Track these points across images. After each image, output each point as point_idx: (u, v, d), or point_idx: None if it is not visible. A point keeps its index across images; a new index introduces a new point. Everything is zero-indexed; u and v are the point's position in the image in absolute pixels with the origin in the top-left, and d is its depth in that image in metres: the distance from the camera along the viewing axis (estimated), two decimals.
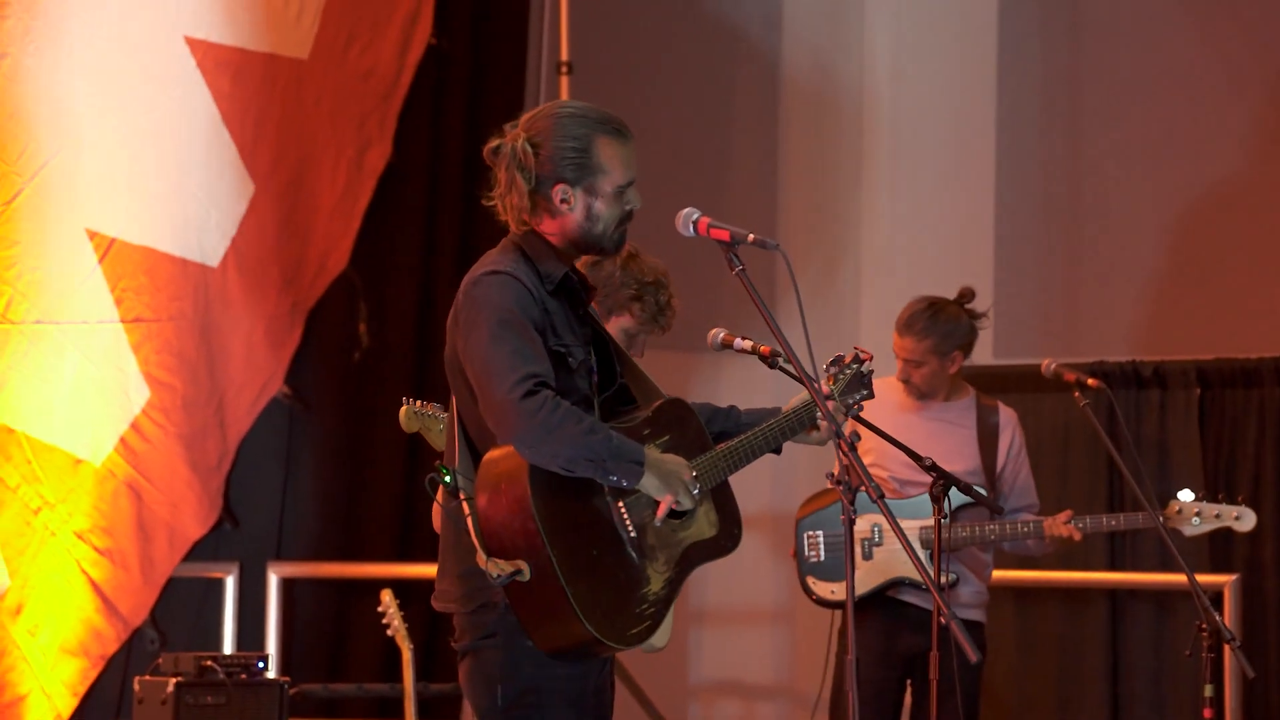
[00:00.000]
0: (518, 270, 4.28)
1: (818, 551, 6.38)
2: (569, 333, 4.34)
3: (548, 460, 4.15)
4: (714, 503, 4.43)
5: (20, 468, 7.22)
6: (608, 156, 4.35)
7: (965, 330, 6.36)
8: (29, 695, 7.26)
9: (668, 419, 4.42)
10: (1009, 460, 6.34)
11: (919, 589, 6.19)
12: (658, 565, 4.30)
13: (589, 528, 4.23)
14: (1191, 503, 6.20)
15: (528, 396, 4.11)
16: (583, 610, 4.14)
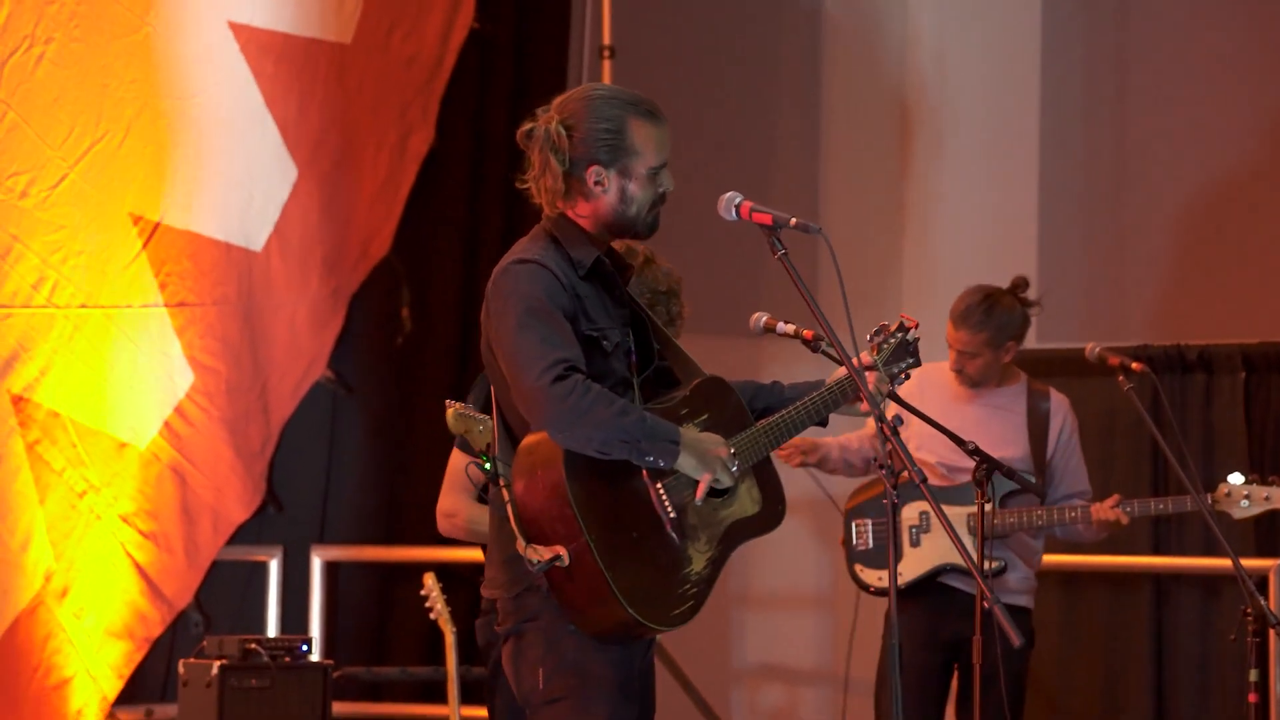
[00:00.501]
0: (546, 258, 4.29)
1: (865, 539, 6.35)
2: (604, 316, 4.34)
3: (581, 444, 4.15)
4: (756, 479, 4.42)
5: (66, 451, 7.25)
6: (641, 138, 4.35)
7: (1019, 321, 6.33)
8: (74, 678, 7.30)
9: (706, 397, 4.41)
10: (1059, 447, 6.30)
11: (965, 575, 6.17)
12: (700, 545, 4.30)
13: (627, 511, 4.23)
14: (1241, 485, 6.14)
15: (557, 381, 4.12)
16: (624, 594, 4.15)
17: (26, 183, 7.14)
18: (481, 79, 8.56)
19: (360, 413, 8.31)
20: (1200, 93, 8.68)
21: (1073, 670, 8.19)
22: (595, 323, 4.31)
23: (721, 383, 4.47)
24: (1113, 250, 8.84)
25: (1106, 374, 6.32)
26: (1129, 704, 8.10)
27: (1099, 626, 8.20)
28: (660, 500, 4.26)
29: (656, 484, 4.26)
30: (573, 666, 4.27)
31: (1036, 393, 6.32)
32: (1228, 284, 8.52)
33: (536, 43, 8.72)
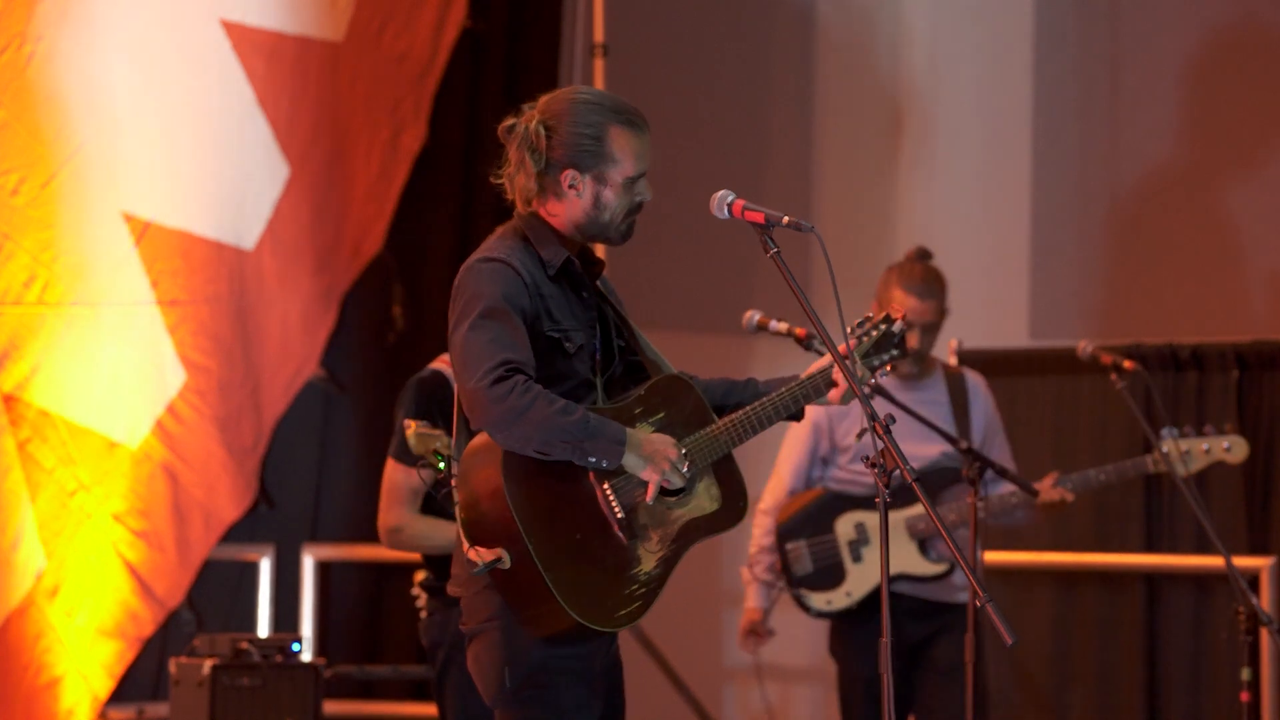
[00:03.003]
0: (512, 257, 4.31)
1: (803, 562, 6.24)
2: (568, 317, 4.35)
3: (521, 444, 4.17)
4: (716, 477, 4.43)
5: (57, 450, 7.24)
6: (620, 146, 4.34)
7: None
8: (65, 676, 7.29)
9: (663, 396, 4.42)
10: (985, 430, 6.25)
11: (911, 580, 6.13)
12: (651, 544, 4.30)
13: (571, 512, 4.24)
14: (1179, 442, 6.09)
15: (497, 383, 4.14)
16: (564, 596, 4.16)
17: (17, 181, 7.13)
18: (474, 76, 8.55)
19: (352, 411, 8.30)
20: (1193, 91, 8.68)
21: (1065, 669, 8.19)
22: (559, 324, 4.32)
23: (681, 381, 4.47)
24: (1105, 249, 8.84)
25: (1099, 372, 6.31)
26: (1122, 702, 8.10)
27: (1091, 625, 8.19)
28: (607, 500, 4.27)
29: (603, 484, 4.27)
30: (534, 664, 4.28)
31: (954, 376, 6.28)
32: (1221, 282, 8.52)
33: (528, 40, 8.71)
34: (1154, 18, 8.80)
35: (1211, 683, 7.93)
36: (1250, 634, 5.77)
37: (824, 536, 6.09)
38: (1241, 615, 5.72)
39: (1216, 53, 8.64)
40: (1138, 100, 8.82)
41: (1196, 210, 8.64)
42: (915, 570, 6.06)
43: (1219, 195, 8.60)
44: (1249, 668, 5.87)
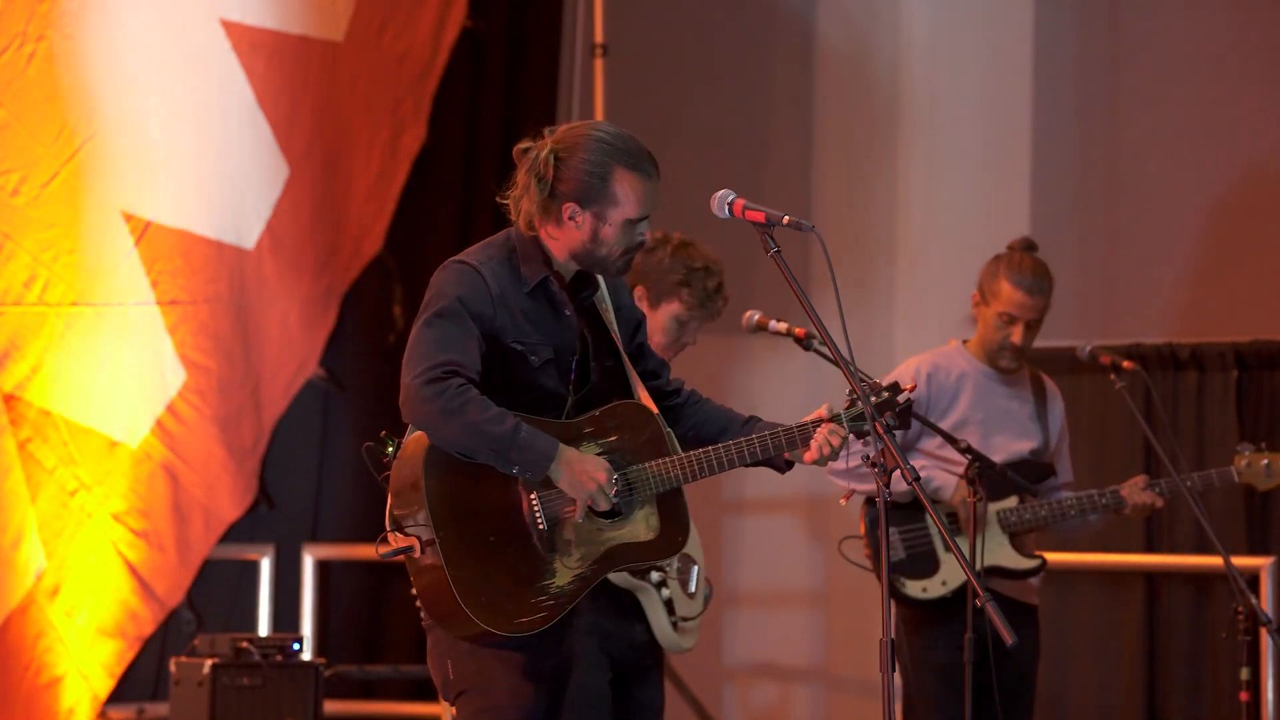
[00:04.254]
0: (485, 264, 4.42)
1: (895, 549, 6.12)
2: (539, 332, 4.42)
3: (447, 444, 4.27)
4: (659, 508, 4.47)
5: (57, 450, 7.24)
6: (624, 189, 4.42)
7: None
8: (65, 676, 7.30)
9: (618, 421, 4.48)
10: (1059, 437, 6.22)
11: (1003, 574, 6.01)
12: (570, 560, 4.36)
13: (491, 515, 4.32)
14: (1257, 454, 6.07)
15: (431, 382, 4.25)
16: (461, 594, 4.24)
17: (18, 180, 7.13)
18: (474, 76, 8.55)
19: (352, 411, 8.30)
20: (1193, 91, 8.68)
21: (1065, 668, 8.19)
22: (527, 337, 4.40)
23: (643, 410, 4.52)
24: (1105, 249, 8.84)
25: (1098, 372, 6.30)
26: (1121, 702, 8.10)
27: (1091, 624, 8.20)
28: (533, 510, 4.33)
29: (531, 494, 4.33)
30: (475, 658, 4.37)
31: (1038, 379, 6.25)
32: (1221, 282, 8.52)
33: (529, 40, 8.71)
34: (1154, 18, 8.80)
35: (1211, 682, 7.93)
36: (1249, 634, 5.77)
37: (915, 525, 5.99)
38: (1241, 615, 5.72)
39: (1216, 52, 8.64)
40: (1137, 101, 8.82)
41: (1196, 211, 8.64)
42: (1009, 564, 6.00)
43: (1219, 195, 8.60)
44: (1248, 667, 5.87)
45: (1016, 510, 5.97)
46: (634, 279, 5.57)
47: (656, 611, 5.48)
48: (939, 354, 6.13)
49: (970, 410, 6.01)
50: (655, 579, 5.48)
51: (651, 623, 5.49)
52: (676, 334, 5.55)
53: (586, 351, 4.52)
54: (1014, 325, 6.01)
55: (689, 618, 5.57)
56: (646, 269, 5.54)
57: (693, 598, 5.59)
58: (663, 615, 5.48)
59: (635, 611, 5.44)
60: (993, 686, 5.56)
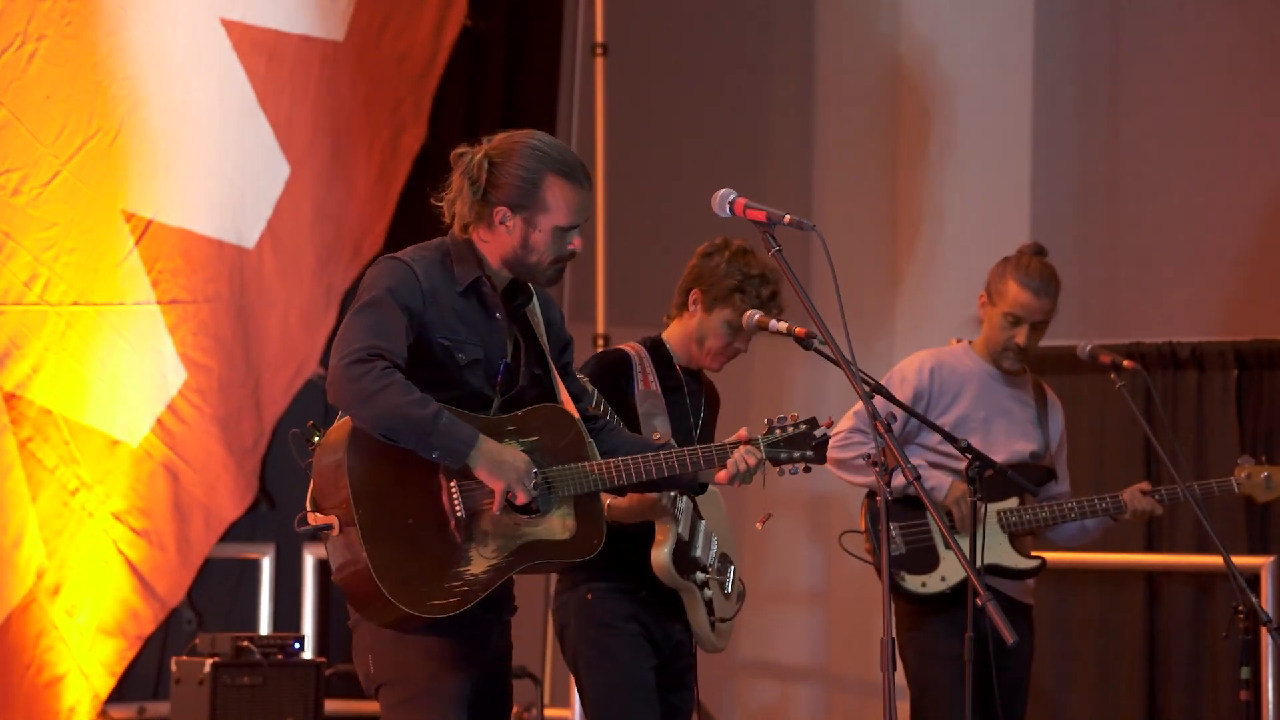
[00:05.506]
0: (418, 261, 4.52)
1: (895, 544, 6.11)
2: (468, 330, 4.52)
3: (369, 425, 4.36)
4: (576, 510, 4.55)
5: (58, 449, 7.25)
6: (554, 196, 4.53)
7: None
8: (67, 675, 7.30)
9: (541, 421, 4.57)
10: (1058, 443, 6.23)
11: (1002, 573, 6.01)
12: (486, 550, 4.44)
13: (410, 499, 4.41)
14: (1259, 467, 6.09)
15: (356, 363, 4.36)
16: (377, 571, 4.32)
17: (19, 180, 7.13)
18: (474, 76, 8.56)
19: None
20: (1193, 92, 8.68)
21: (1065, 667, 8.20)
22: (455, 335, 4.50)
23: (566, 414, 4.61)
24: (1106, 248, 8.84)
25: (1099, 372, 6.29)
26: (1121, 701, 8.11)
27: (1092, 623, 8.20)
28: (452, 498, 4.42)
29: (451, 482, 4.42)
30: (395, 650, 4.47)
31: (1040, 386, 6.26)
32: (1221, 281, 8.52)
33: (529, 40, 8.71)
34: (1154, 18, 8.81)
35: (1211, 681, 7.94)
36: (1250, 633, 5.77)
37: (915, 521, 5.99)
38: (1241, 614, 5.72)
39: (1216, 53, 8.65)
40: (1137, 100, 8.82)
41: (1196, 211, 8.64)
42: (1008, 563, 6.00)
43: (1219, 195, 8.60)
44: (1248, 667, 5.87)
45: (1017, 511, 5.97)
46: (690, 282, 5.61)
47: (698, 611, 5.52)
48: (944, 351, 6.14)
49: (972, 408, 6.01)
50: (700, 579, 5.52)
51: (692, 622, 5.53)
52: (729, 339, 5.57)
53: (517, 356, 4.61)
54: (1019, 327, 6.01)
55: (726, 618, 5.61)
56: (703, 273, 5.57)
57: (728, 598, 5.63)
58: (703, 615, 5.53)
59: (676, 609, 5.49)
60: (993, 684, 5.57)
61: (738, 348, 5.61)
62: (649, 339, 5.66)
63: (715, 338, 5.57)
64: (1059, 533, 6.11)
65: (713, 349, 5.58)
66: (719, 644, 5.65)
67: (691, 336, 5.59)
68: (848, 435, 6.03)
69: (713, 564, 5.61)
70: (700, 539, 5.56)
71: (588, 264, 8.59)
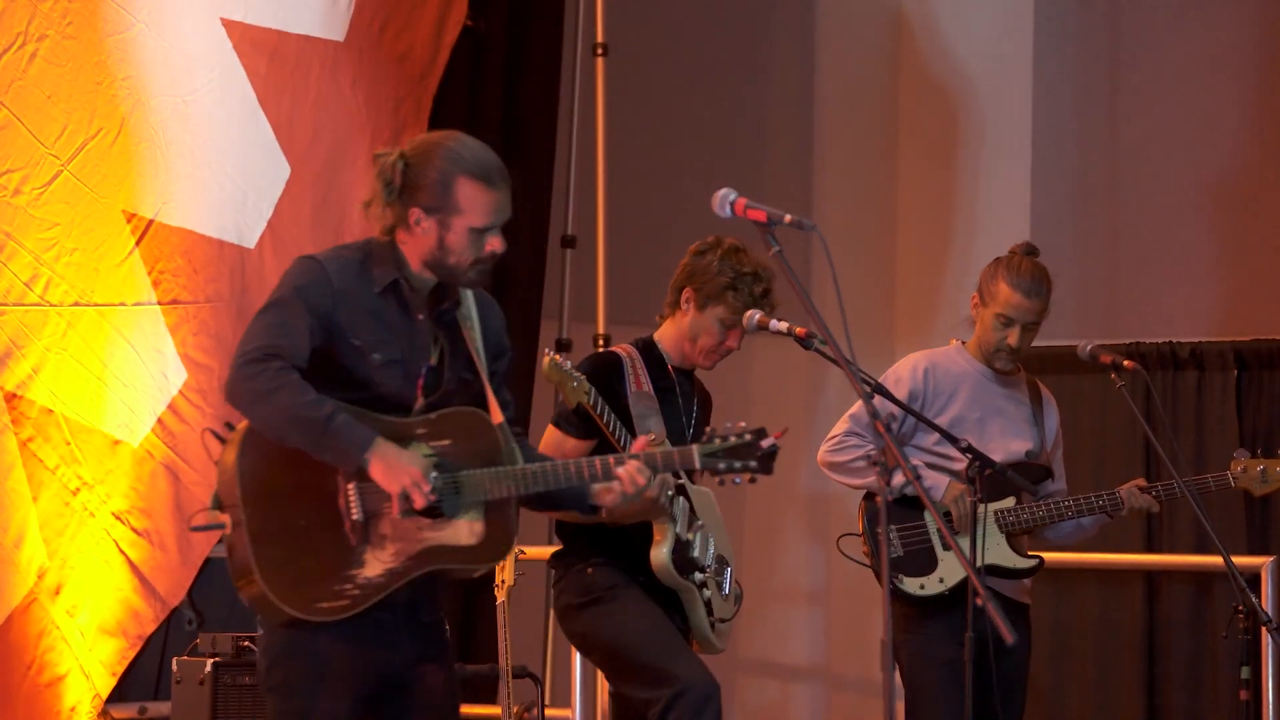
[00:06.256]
0: (333, 261, 4.53)
1: (893, 546, 6.09)
2: (384, 331, 4.50)
3: (260, 425, 4.39)
4: (486, 515, 4.51)
5: (59, 449, 7.25)
6: (466, 198, 4.51)
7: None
8: (68, 675, 7.30)
9: (454, 425, 4.53)
10: (1054, 443, 6.23)
11: (1000, 574, 6.01)
12: (382, 554, 4.42)
13: (304, 501, 4.40)
14: (1255, 461, 6.10)
15: (250, 363, 4.36)
16: (263, 572, 4.35)
17: (20, 180, 7.14)
18: (475, 76, 8.55)
19: None
20: (1193, 90, 8.69)
21: (1065, 667, 8.21)
22: (369, 335, 4.48)
23: (482, 418, 4.58)
24: (1105, 248, 8.85)
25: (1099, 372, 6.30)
26: (1121, 701, 8.12)
27: (1091, 623, 8.21)
28: (349, 500, 4.40)
29: (349, 484, 4.40)
30: (283, 657, 4.49)
31: (1034, 385, 6.26)
32: (1221, 281, 8.53)
33: (530, 40, 8.71)
34: (1154, 18, 8.81)
35: (1211, 682, 7.95)
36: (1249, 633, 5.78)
37: (913, 523, 5.99)
38: (1241, 614, 5.73)
39: (1216, 52, 8.65)
40: (1137, 99, 8.83)
41: (1196, 210, 8.65)
42: (1007, 563, 6.00)
43: (1218, 195, 8.61)
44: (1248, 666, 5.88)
45: (1014, 510, 5.98)
46: (682, 281, 5.62)
47: (697, 610, 5.54)
48: (938, 352, 6.14)
49: (967, 409, 6.02)
50: (698, 579, 5.53)
51: (691, 621, 5.54)
52: (722, 337, 5.58)
53: (442, 360, 4.60)
54: (1010, 328, 6.01)
55: (725, 619, 5.62)
56: (695, 271, 5.59)
57: (726, 600, 5.64)
58: (703, 614, 5.54)
59: (674, 605, 5.49)
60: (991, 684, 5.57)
61: (730, 346, 5.62)
62: (641, 340, 5.67)
63: (708, 335, 5.59)
64: (1056, 531, 6.12)
65: (706, 347, 5.59)
66: (719, 645, 5.66)
67: (685, 335, 5.60)
68: (843, 439, 6.04)
69: (710, 565, 5.62)
70: (698, 540, 5.57)
71: (588, 264, 8.60)
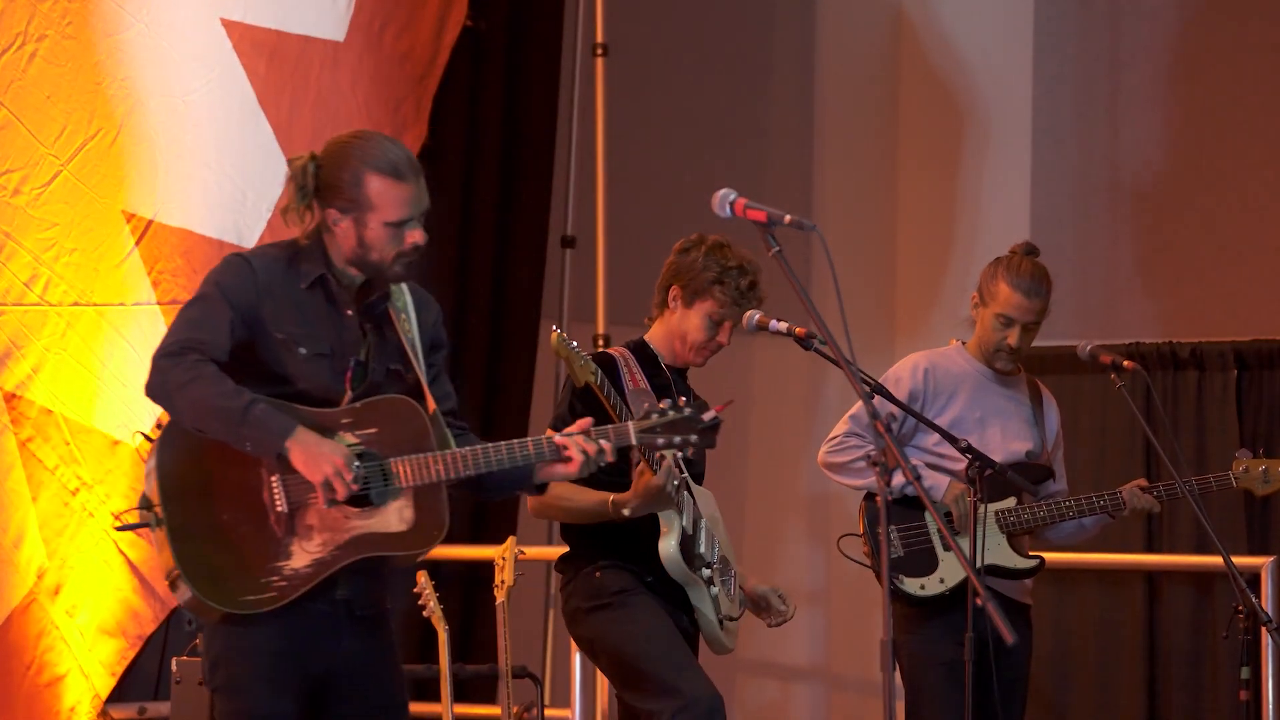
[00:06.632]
0: (258, 257, 4.56)
1: (894, 547, 6.08)
2: (309, 325, 4.52)
3: (180, 417, 4.40)
4: (415, 502, 4.51)
5: (59, 449, 7.25)
6: (377, 193, 4.53)
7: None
8: (67, 675, 7.30)
9: (380, 414, 4.53)
10: (1054, 443, 6.23)
11: (1001, 574, 6.01)
12: (310, 544, 4.43)
13: (227, 495, 4.42)
14: (1257, 461, 6.09)
15: (167, 356, 4.39)
16: (184, 568, 4.36)
17: (19, 180, 7.14)
18: (475, 76, 8.55)
19: None
20: (1193, 92, 8.68)
21: (1065, 667, 8.20)
22: (295, 329, 4.51)
23: (410, 405, 4.57)
24: (1105, 248, 8.85)
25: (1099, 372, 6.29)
26: (1121, 701, 8.11)
27: (1091, 623, 8.21)
28: (273, 493, 4.42)
29: (274, 477, 4.42)
30: (224, 656, 4.51)
31: (1034, 385, 6.26)
32: (1220, 281, 8.53)
33: (530, 40, 8.71)
34: (1154, 18, 8.81)
35: (1211, 682, 7.94)
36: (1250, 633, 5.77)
37: (914, 523, 5.98)
38: (1241, 614, 5.72)
39: (1216, 52, 8.65)
40: (1138, 100, 8.83)
41: (1196, 210, 8.64)
42: (1007, 563, 6.00)
43: (1219, 195, 8.61)
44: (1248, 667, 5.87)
45: (1015, 510, 5.97)
46: (668, 279, 5.62)
47: (706, 608, 5.54)
48: (938, 353, 6.13)
49: (967, 409, 6.01)
50: (705, 574, 5.52)
51: (700, 618, 5.54)
52: (710, 334, 5.58)
53: (370, 354, 4.61)
54: (1011, 328, 6.00)
55: (733, 618, 5.62)
56: (681, 268, 5.60)
57: (731, 600, 5.65)
58: (711, 612, 5.54)
59: (682, 602, 5.49)
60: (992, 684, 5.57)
61: (721, 341, 5.63)
62: (632, 341, 5.67)
63: (697, 332, 5.59)
64: (1057, 531, 6.11)
65: (695, 343, 5.59)
66: (728, 644, 5.66)
67: (674, 333, 5.61)
68: (843, 439, 6.03)
69: (715, 563, 5.62)
70: (703, 536, 5.57)
71: (588, 264, 8.60)
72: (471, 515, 8.28)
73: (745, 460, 9.01)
